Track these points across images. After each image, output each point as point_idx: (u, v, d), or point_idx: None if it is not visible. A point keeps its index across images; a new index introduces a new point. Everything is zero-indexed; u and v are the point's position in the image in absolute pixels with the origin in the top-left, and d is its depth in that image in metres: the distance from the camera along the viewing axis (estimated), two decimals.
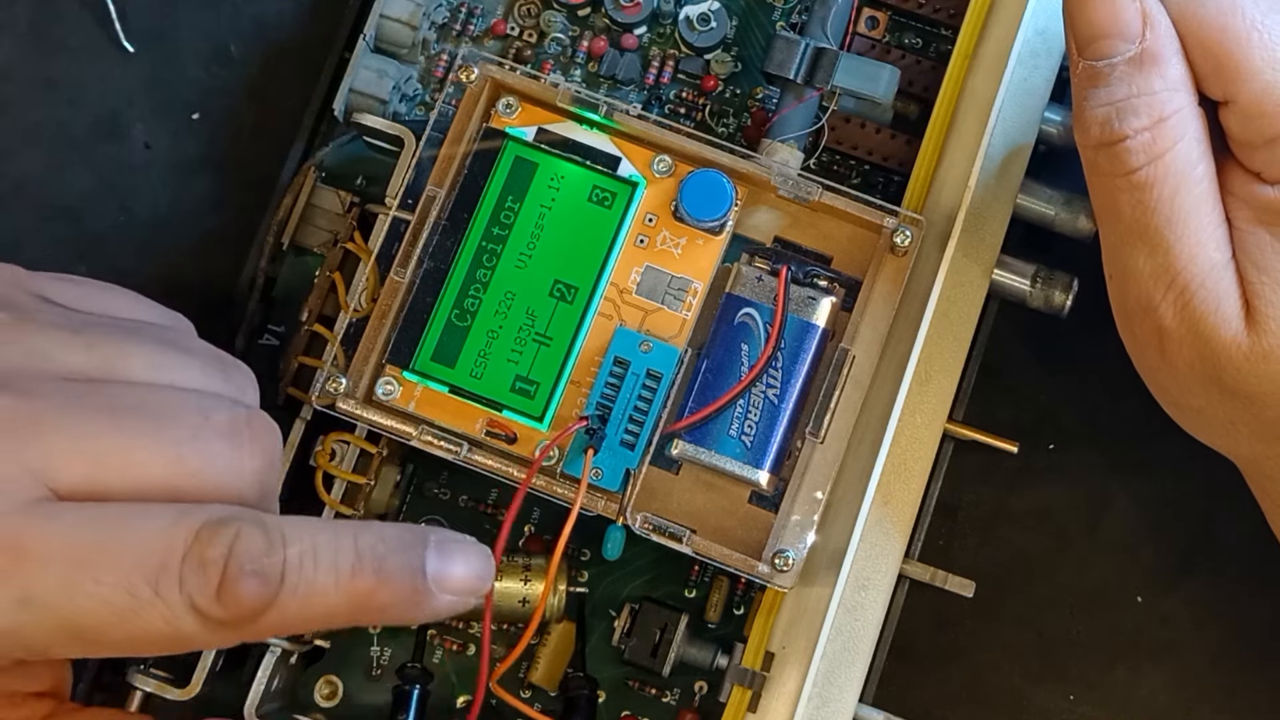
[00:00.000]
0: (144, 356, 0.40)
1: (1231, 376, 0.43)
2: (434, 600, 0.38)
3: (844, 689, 0.47)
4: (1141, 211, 0.42)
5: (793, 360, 0.47)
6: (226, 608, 0.36)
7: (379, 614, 0.38)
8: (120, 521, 0.36)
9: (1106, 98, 0.42)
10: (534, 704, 0.50)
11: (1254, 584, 0.51)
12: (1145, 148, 0.42)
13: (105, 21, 0.55)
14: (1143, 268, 0.43)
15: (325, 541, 0.37)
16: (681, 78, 0.53)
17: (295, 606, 0.37)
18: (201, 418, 0.39)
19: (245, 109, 0.55)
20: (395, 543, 0.38)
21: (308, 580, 0.37)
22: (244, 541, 0.36)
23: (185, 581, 0.36)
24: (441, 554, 0.38)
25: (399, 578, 0.38)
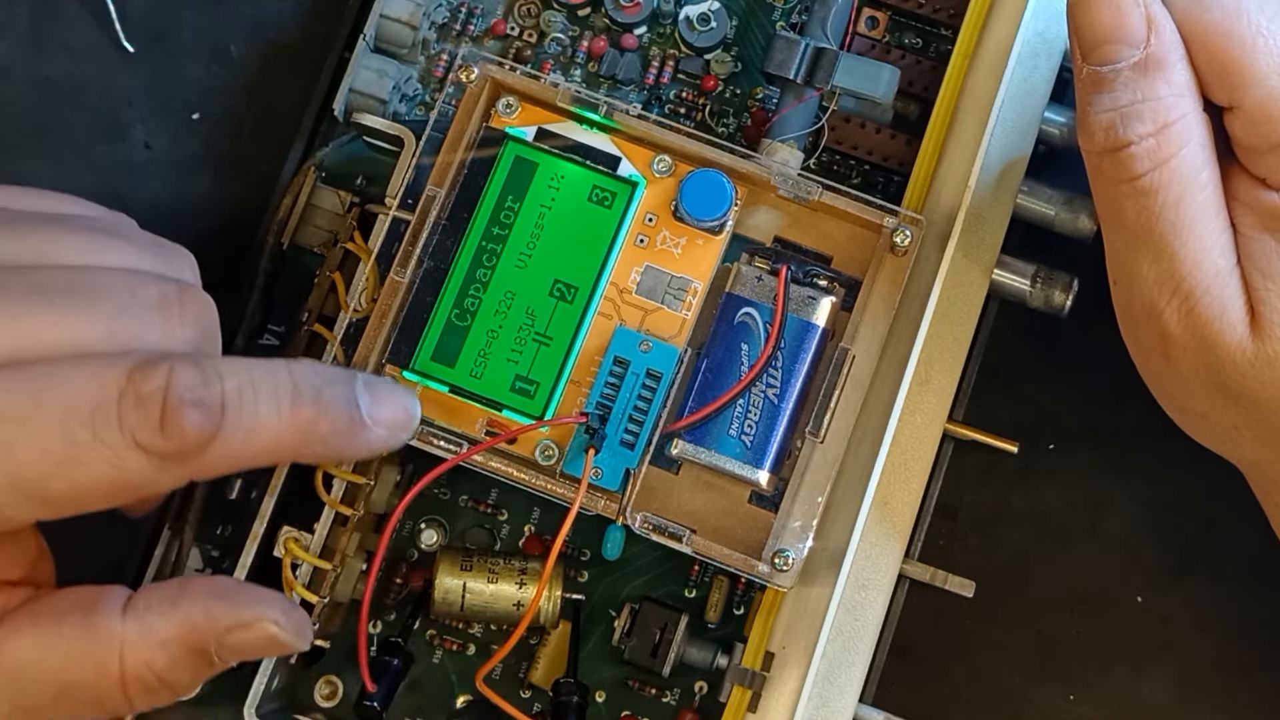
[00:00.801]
0: (75, 243, 0.40)
1: (1236, 382, 0.43)
2: (369, 432, 0.40)
3: (844, 689, 0.47)
4: (1146, 217, 0.42)
5: (793, 360, 0.47)
6: (170, 439, 0.36)
7: (321, 445, 0.39)
8: (50, 373, 0.37)
9: (1111, 103, 0.42)
10: (534, 704, 0.50)
11: (1254, 584, 0.51)
12: (1150, 153, 0.42)
13: (105, 21, 0.55)
14: (1147, 273, 0.43)
15: (262, 373, 0.38)
16: (681, 78, 0.53)
17: (240, 436, 0.38)
18: (130, 292, 0.39)
19: (245, 109, 0.55)
20: (329, 375, 0.40)
21: (250, 410, 0.38)
22: (180, 375, 0.37)
23: (125, 419, 0.36)
24: (371, 392, 0.40)
25: (336, 407, 0.39)
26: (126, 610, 0.40)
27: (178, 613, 0.39)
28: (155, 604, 0.40)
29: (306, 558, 0.48)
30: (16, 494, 0.37)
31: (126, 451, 0.37)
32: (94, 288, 0.39)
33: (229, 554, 0.50)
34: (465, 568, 0.49)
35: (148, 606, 0.40)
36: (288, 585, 0.48)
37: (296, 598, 0.48)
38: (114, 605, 0.40)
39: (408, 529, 0.51)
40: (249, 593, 0.41)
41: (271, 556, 0.49)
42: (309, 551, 0.48)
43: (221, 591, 0.41)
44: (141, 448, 0.37)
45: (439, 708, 0.51)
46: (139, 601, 0.40)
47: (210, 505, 0.50)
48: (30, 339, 0.38)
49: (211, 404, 0.37)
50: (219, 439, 0.37)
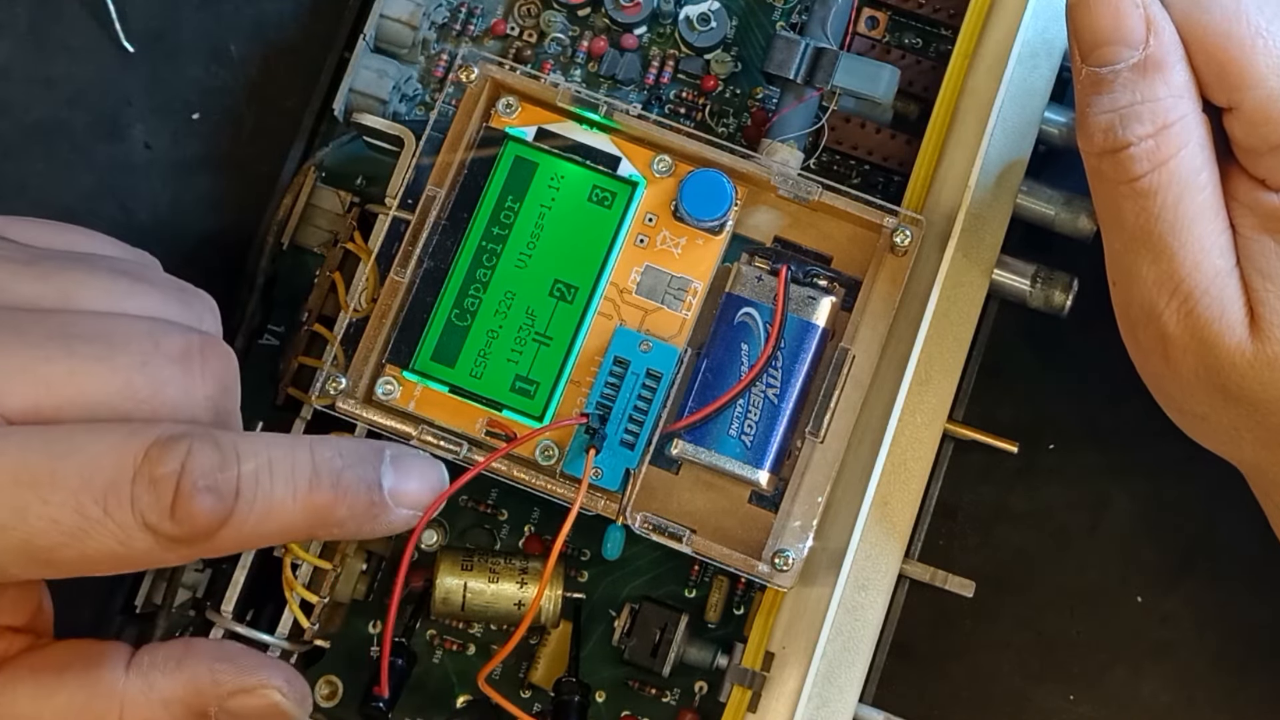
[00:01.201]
0: (98, 286, 0.40)
1: (1235, 383, 0.43)
2: (390, 514, 0.39)
3: (844, 689, 0.47)
4: (1145, 218, 0.42)
5: (793, 360, 0.47)
6: (180, 525, 0.36)
7: (337, 528, 0.38)
8: (68, 441, 0.36)
9: (1110, 104, 0.42)
10: (534, 704, 0.50)
11: (1254, 584, 0.51)
12: (1149, 155, 0.42)
13: (105, 21, 0.55)
14: (1146, 274, 0.43)
15: (281, 455, 0.38)
16: (681, 78, 0.53)
17: (252, 522, 0.37)
18: (152, 344, 0.39)
19: (245, 109, 0.55)
20: (352, 456, 0.38)
21: (264, 495, 0.37)
22: (196, 457, 0.36)
23: (136, 500, 0.36)
24: (398, 469, 0.39)
25: (356, 491, 0.38)
26: (130, 667, 0.39)
27: (182, 673, 0.39)
28: (160, 662, 0.39)
29: (306, 558, 0.48)
30: (24, 558, 0.36)
31: (135, 531, 0.36)
32: (116, 337, 0.38)
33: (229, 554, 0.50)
34: (466, 568, 0.49)
35: (151, 664, 0.39)
36: (288, 585, 0.48)
37: (297, 598, 0.48)
38: (117, 661, 0.39)
39: None
40: (254, 659, 0.40)
41: (271, 556, 0.49)
42: (309, 551, 0.48)
43: (227, 655, 0.40)
44: (150, 529, 0.36)
45: (439, 708, 0.51)
46: (143, 659, 0.39)
47: None
48: (48, 391, 0.37)
49: (226, 490, 0.37)
50: (230, 524, 0.37)
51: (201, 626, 0.50)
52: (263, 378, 0.51)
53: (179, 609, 0.50)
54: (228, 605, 0.48)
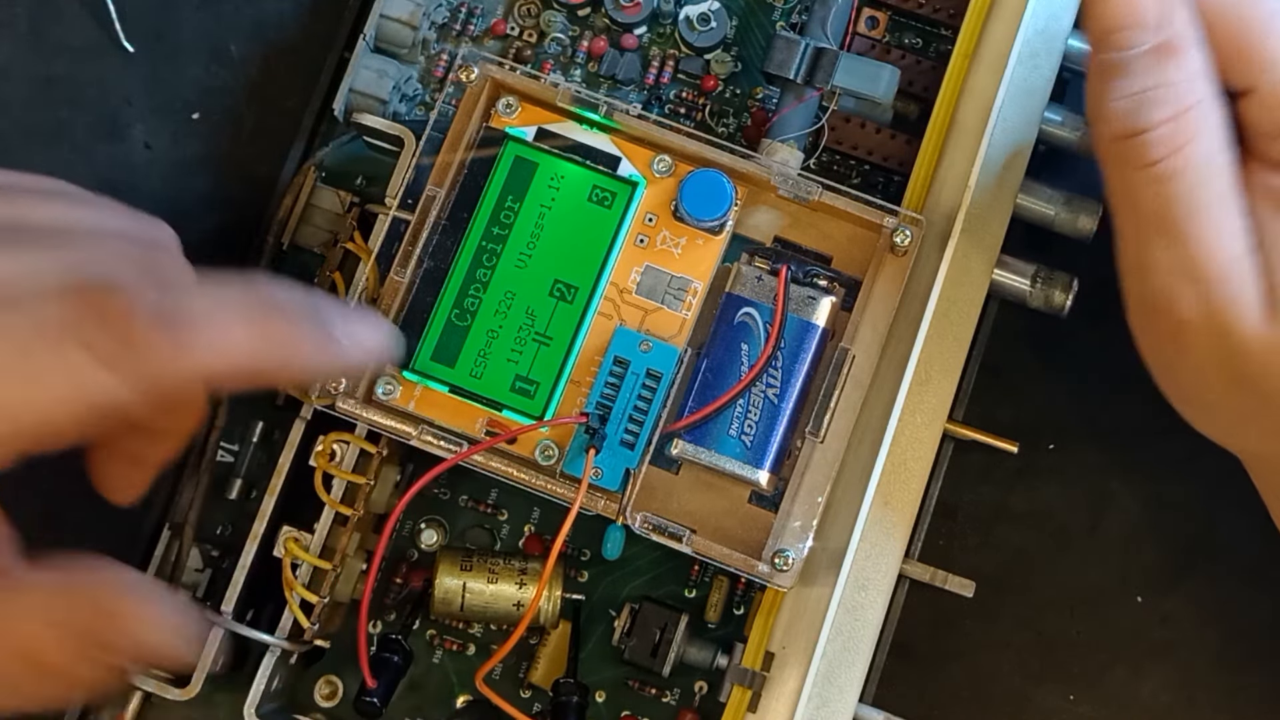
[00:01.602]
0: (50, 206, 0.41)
1: (1250, 369, 0.42)
2: (341, 348, 0.40)
3: (844, 689, 0.47)
4: (1162, 203, 0.42)
5: (793, 360, 0.47)
6: (131, 351, 0.36)
7: (291, 357, 0.39)
8: (16, 300, 0.37)
9: (1127, 89, 0.41)
10: (534, 704, 0.50)
11: (1254, 584, 0.51)
12: (1167, 139, 0.41)
13: (105, 21, 0.55)
14: (1161, 260, 0.42)
15: (229, 290, 0.38)
16: (681, 78, 0.53)
17: (203, 349, 0.37)
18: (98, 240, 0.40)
19: (245, 109, 0.55)
20: (298, 292, 0.39)
21: (216, 323, 0.38)
22: (143, 293, 0.37)
23: (87, 336, 0.36)
24: (344, 312, 0.40)
25: (306, 321, 0.39)
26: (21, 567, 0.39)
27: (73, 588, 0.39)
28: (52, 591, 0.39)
29: (306, 558, 0.48)
30: None
31: (90, 369, 0.36)
32: (62, 234, 0.40)
33: (229, 554, 0.50)
34: (465, 568, 0.49)
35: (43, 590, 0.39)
36: (288, 585, 0.48)
37: (297, 597, 0.48)
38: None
39: (408, 529, 0.51)
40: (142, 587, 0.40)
41: (271, 556, 0.49)
42: (309, 551, 0.48)
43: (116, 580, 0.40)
44: (105, 365, 0.36)
45: (439, 708, 0.51)
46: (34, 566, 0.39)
47: (210, 505, 0.50)
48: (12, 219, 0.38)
49: (174, 318, 0.37)
50: (183, 352, 0.37)
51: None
52: None
53: None
54: (228, 605, 0.48)
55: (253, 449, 0.51)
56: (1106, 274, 0.47)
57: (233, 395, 0.50)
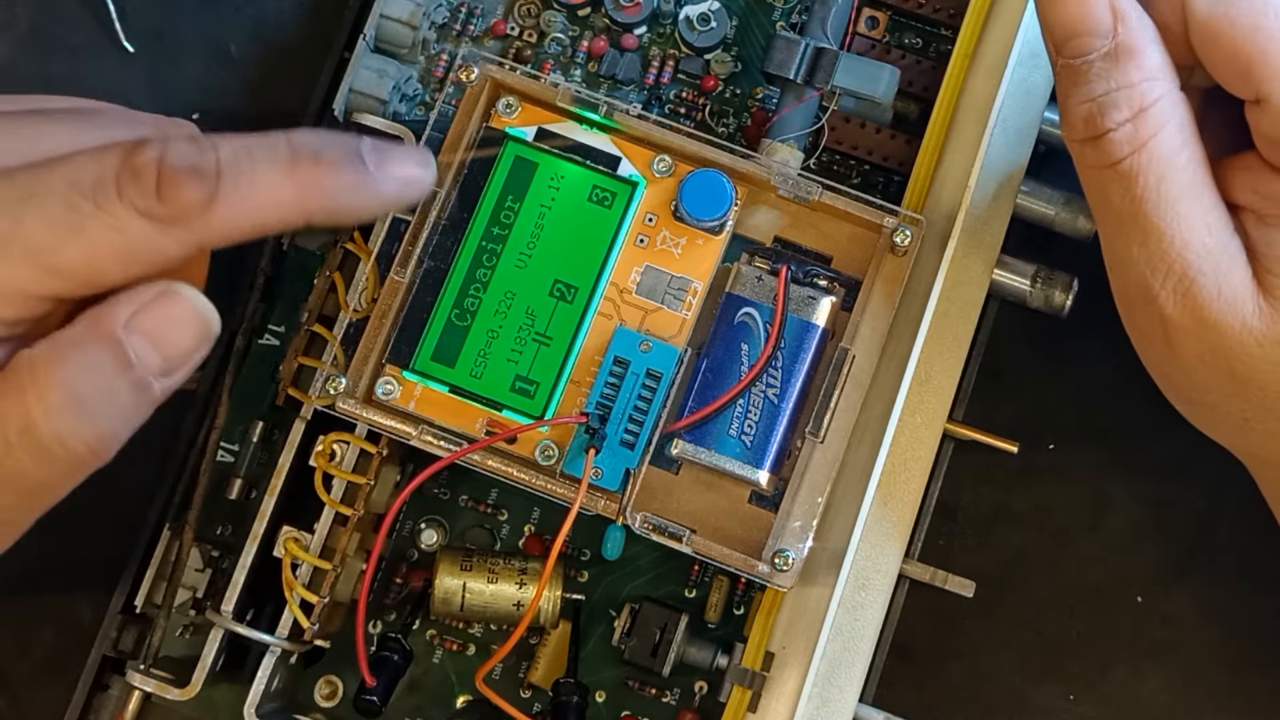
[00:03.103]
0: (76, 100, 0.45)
1: (1244, 364, 0.42)
2: (378, 184, 0.41)
3: (844, 689, 0.47)
4: (1130, 200, 0.42)
5: (793, 360, 0.47)
6: (168, 203, 0.39)
7: (330, 199, 0.41)
8: (52, 163, 0.40)
9: (1087, 94, 0.42)
10: (534, 704, 0.50)
11: (1254, 584, 0.51)
12: (1128, 138, 0.42)
13: (105, 21, 0.55)
14: (1138, 257, 0.43)
15: (258, 141, 0.40)
16: (681, 78, 0.53)
17: (240, 197, 0.40)
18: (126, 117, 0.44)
19: (245, 109, 0.55)
20: (330, 136, 0.41)
21: (247, 172, 0.40)
22: (174, 148, 0.39)
23: (123, 189, 0.39)
24: (377, 147, 0.41)
25: (339, 162, 0.41)
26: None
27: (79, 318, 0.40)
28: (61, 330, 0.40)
29: (306, 558, 0.48)
30: (32, 266, 0.39)
31: (128, 218, 0.39)
32: (91, 111, 0.44)
33: (229, 554, 0.50)
34: (465, 568, 0.49)
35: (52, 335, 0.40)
36: (288, 585, 0.48)
37: (297, 597, 0.48)
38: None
39: (408, 529, 0.51)
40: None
41: (271, 556, 0.49)
42: (309, 551, 0.48)
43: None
44: (142, 214, 0.39)
45: (439, 708, 0.51)
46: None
47: (210, 505, 0.50)
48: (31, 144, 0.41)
49: (206, 169, 0.39)
50: (219, 201, 0.39)
51: (201, 626, 0.50)
52: (263, 378, 0.51)
53: (179, 609, 0.50)
54: (228, 605, 0.48)
55: (253, 449, 0.51)
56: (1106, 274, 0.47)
57: (233, 394, 0.50)
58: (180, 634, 0.50)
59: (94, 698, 0.50)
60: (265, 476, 0.49)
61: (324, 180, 0.41)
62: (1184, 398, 0.45)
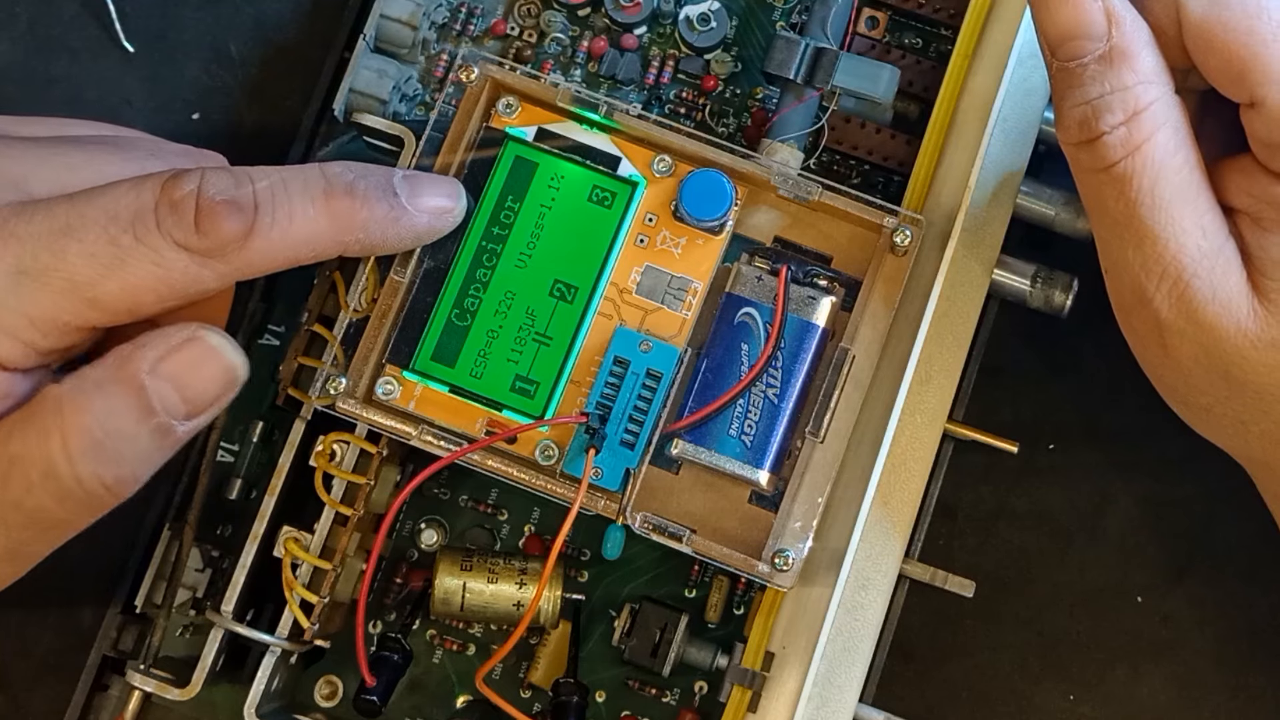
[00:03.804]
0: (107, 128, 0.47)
1: (1239, 367, 0.42)
2: (410, 217, 0.43)
3: (844, 689, 0.47)
4: (1125, 204, 0.43)
5: (793, 360, 0.47)
6: (207, 236, 0.40)
7: (362, 233, 0.42)
8: (90, 195, 0.40)
9: (1082, 97, 0.42)
10: (534, 704, 0.50)
11: (1254, 584, 0.51)
12: (1122, 142, 0.42)
13: (105, 21, 0.55)
14: (1133, 260, 0.43)
15: (293, 174, 0.41)
16: (681, 78, 0.53)
17: (277, 231, 0.41)
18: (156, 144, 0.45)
19: (245, 109, 0.55)
20: (362, 169, 0.42)
21: (283, 205, 0.41)
22: (210, 180, 0.40)
23: (162, 223, 0.40)
24: (410, 180, 0.43)
25: (373, 195, 0.42)
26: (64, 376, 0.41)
27: (106, 357, 0.40)
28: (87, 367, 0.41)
29: (306, 558, 0.48)
30: (73, 299, 0.39)
31: (168, 251, 0.40)
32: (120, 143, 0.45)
33: (229, 554, 0.50)
34: (465, 568, 0.49)
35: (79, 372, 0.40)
36: (288, 585, 0.48)
37: (297, 597, 0.48)
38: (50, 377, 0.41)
39: (408, 529, 0.51)
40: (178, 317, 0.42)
41: (271, 556, 0.49)
42: (309, 551, 0.48)
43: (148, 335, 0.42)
44: (181, 247, 0.40)
45: (439, 708, 0.51)
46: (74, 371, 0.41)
47: (210, 505, 0.50)
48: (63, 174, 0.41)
49: (243, 202, 0.40)
50: (255, 234, 0.40)
51: (201, 626, 0.50)
52: (263, 378, 0.51)
53: (179, 609, 0.50)
54: (228, 605, 0.48)
55: (253, 449, 0.51)
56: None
57: None
58: (180, 634, 0.50)
59: (94, 698, 0.50)
60: (265, 476, 0.49)
61: (358, 213, 0.42)
62: (1180, 400, 0.45)
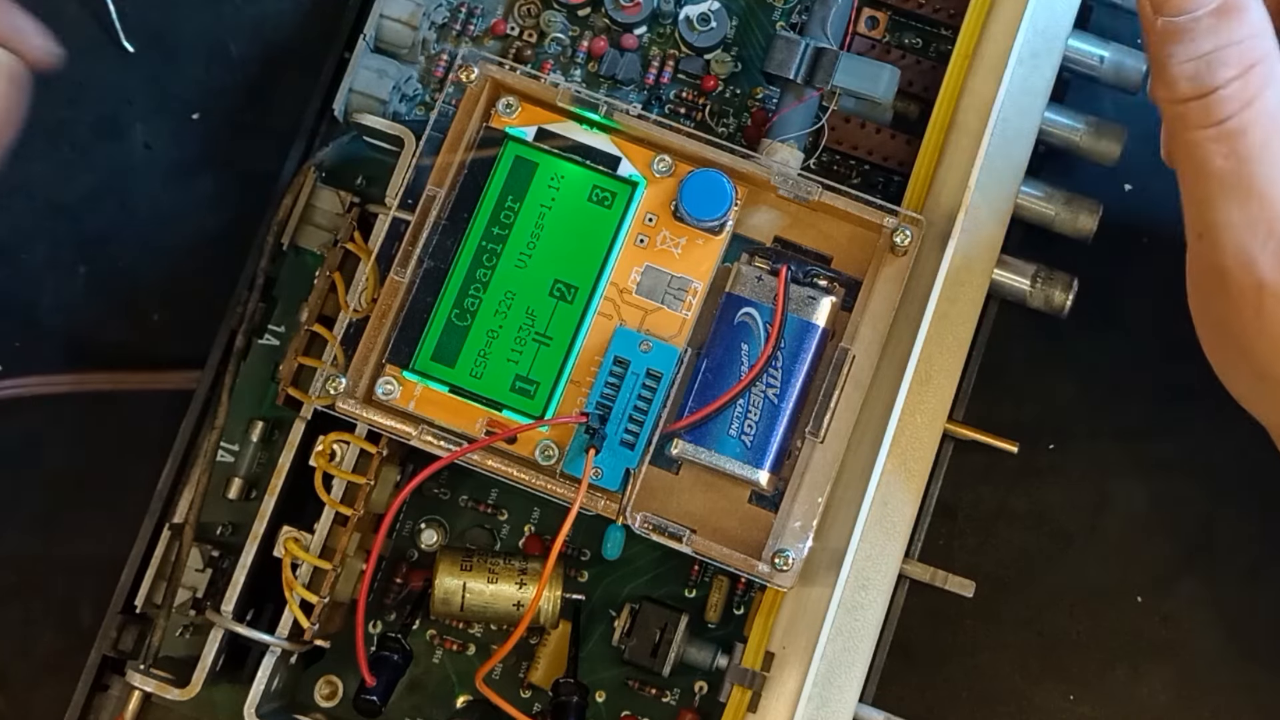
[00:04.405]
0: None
1: None
2: None
3: (844, 689, 0.47)
4: (1234, 161, 0.42)
5: (793, 360, 0.47)
6: None
7: None
8: None
9: (1193, 51, 0.42)
10: (534, 704, 0.50)
11: (1254, 584, 0.51)
12: (1236, 95, 0.41)
13: (105, 21, 0.55)
14: (1238, 219, 0.42)
15: None
16: (681, 78, 0.53)
17: None
18: None
19: (245, 109, 0.55)
20: None
21: None
22: None
23: None
24: None
25: None
26: None
27: None
28: None
29: (306, 558, 0.48)
30: None
31: None
32: None
33: (229, 554, 0.50)
34: (465, 568, 0.49)
35: None
36: (288, 585, 0.48)
37: (297, 597, 0.48)
38: None
39: (408, 529, 0.51)
40: None
41: (271, 556, 0.49)
42: (309, 551, 0.48)
43: None
44: None
45: (439, 708, 0.51)
46: None
47: (210, 505, 0.50)
48: None
49: None
50: None
51: (201, 626, 0.50)
52: (263, 378, 0.51)
53: (179, 609, 0.50)
54: (228, 605, 0.48)
55: (253, 449, 0.51)
56: (1106, 274, 0.47)
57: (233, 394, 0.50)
58: (180, 634, 0.50)
59: (94, 698, 0.50)
60: (265, 476, 0.49)
61: None
62: (1260, 372, 0.44)
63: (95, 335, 0.54)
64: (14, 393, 0.53)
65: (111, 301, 0.54)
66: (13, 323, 0.54)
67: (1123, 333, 0.46)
